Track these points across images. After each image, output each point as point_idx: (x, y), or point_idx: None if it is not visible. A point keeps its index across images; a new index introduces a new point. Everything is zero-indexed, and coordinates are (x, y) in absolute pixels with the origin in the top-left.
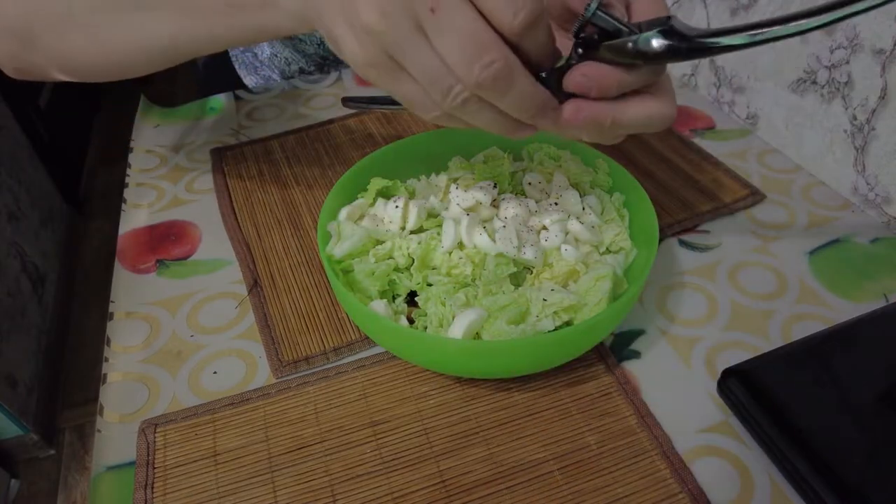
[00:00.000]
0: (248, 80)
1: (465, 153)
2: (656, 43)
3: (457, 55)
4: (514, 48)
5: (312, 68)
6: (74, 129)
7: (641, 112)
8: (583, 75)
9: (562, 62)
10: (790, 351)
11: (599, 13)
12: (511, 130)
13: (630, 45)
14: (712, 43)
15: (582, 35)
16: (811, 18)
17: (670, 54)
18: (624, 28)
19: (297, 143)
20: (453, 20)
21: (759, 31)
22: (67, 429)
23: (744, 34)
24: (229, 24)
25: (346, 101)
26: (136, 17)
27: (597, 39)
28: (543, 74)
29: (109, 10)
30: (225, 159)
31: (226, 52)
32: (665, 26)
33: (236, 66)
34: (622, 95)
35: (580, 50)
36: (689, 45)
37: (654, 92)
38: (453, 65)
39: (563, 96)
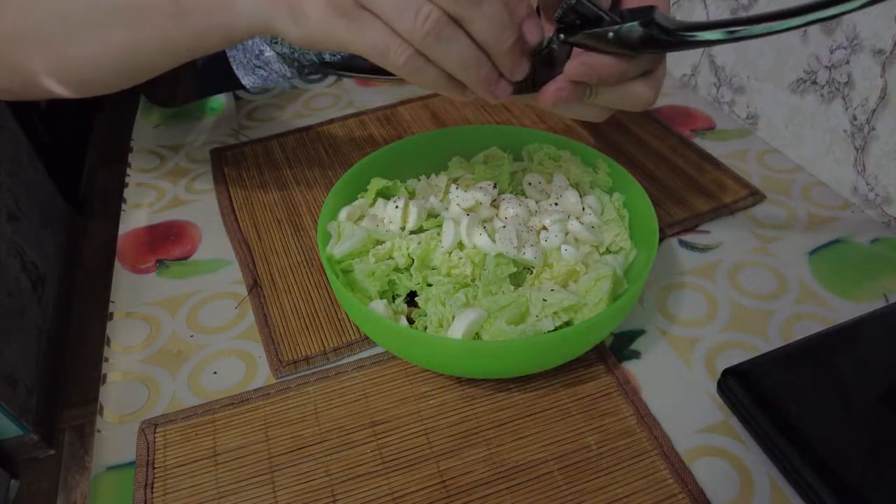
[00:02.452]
0: (247, 81)
1: (465, 153)
2: (636, 34)
3: (394, 16)
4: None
5: (311, 70)
6: (74, 129)
7: (620, 92)
8: (583, 64)
9: (543, 46)
10: (790, 351)
11: (582, 1)
12: (487, 77)
13: (611, 34)
14: (690, 36)
15: (564, 21)
16: (789, 19)
17: (650, 45)
18: (606, 16)
19: (297, 143)
20: None
21: (738, 28)
22: (67, 429)
23: (722, 30)
24: (181, 29)
25: (324, 65)
26: (89, 33)
27: (578, 25)
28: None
29: (83, 26)
30: (225, 159)
31: (223, 53)
32: (646, 17)
33: (234, 67)
34: None
35: (561, 35)
36: (668, 37)
37: (643, 74)
38: (398, 29)
39: (543, 77)
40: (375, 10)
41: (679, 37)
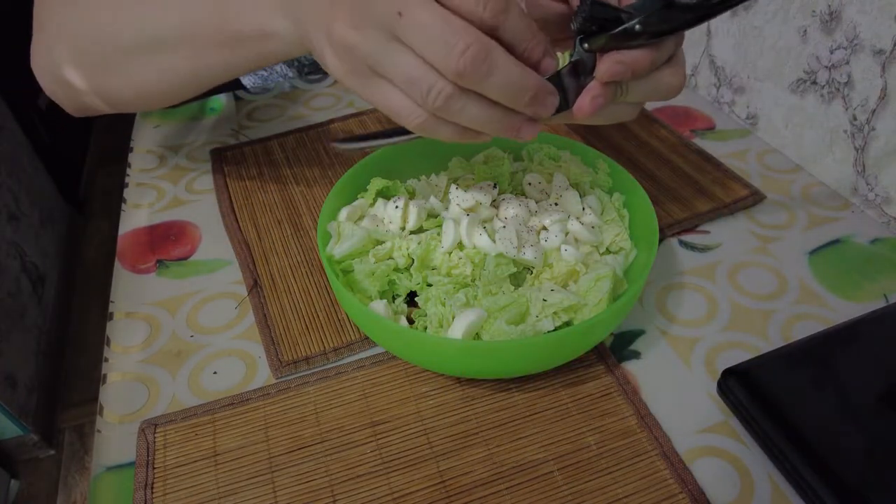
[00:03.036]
0: (247, 81)
1: (465, 153)
2: (664, 18)
3: (431, 50)
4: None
5: (311, 69)
6: (74, 129)
7: (651, 83)
8: (618, 63)
9: (564, 63)
10: (790, 351)
11: (596, 5)
12: (509, 126)
13: (637, 26)
14: (715, 2)
15: (583, 30)
16: None
17: (680, 26)
18: (622, 13)
19: (297, 143)
20: (421, 16)
21: None
22: (67, 429)
23: None
24: (237, 56)
25: (339, 142)
26: (158, 58)
27: (596, 31)
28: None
29: (136, 54)
30: (225, 159)
31: None
32: (663, 0)
33: None
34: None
35: (585, 45)
36: (693, 12)
37: (668, 60)
38: (430, 60)
39: (573, 92)
40: (389, 79)
41: (704, 4)
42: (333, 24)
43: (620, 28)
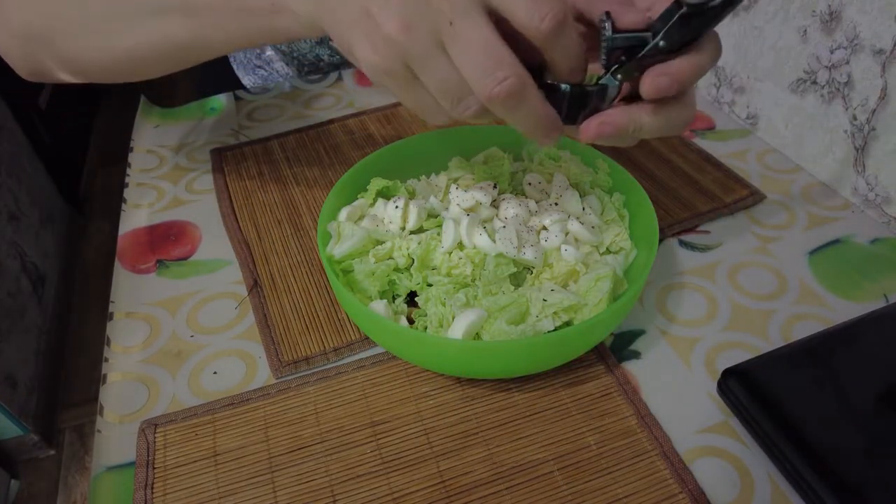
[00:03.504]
0: (247, 81)
1: (465, 153)
2: (684, 26)
3: (471, 68)
4: (542, 56)
5: (310, 69)
6: (74, 130)
7: (663, 118)
8: (663, 75)
9: (591, 79)
10: (790, 351)
11: (618, 37)
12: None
13: (662, 43)
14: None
15: (610, 62)
16: None
17: (699, 30)
18: (645, 33)
19: (297, 143)
20: (471, 33)
21: None
22: (67, 429)
23: None
24: (241, 28)
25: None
26: (150, 23)
27: (625, 60)
28: (564, 86)
29: (124, 17)
30: (225, 159)
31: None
32: (681, 9)
33: (234, 67)
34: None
35: (618, 76)
36: (711, 13)
37: (677, 96)
38: (468, 77)
39: (583, 113)
40: (426, 83)
41: (717, 4)
42: (382, 17)
43: (647, 48)
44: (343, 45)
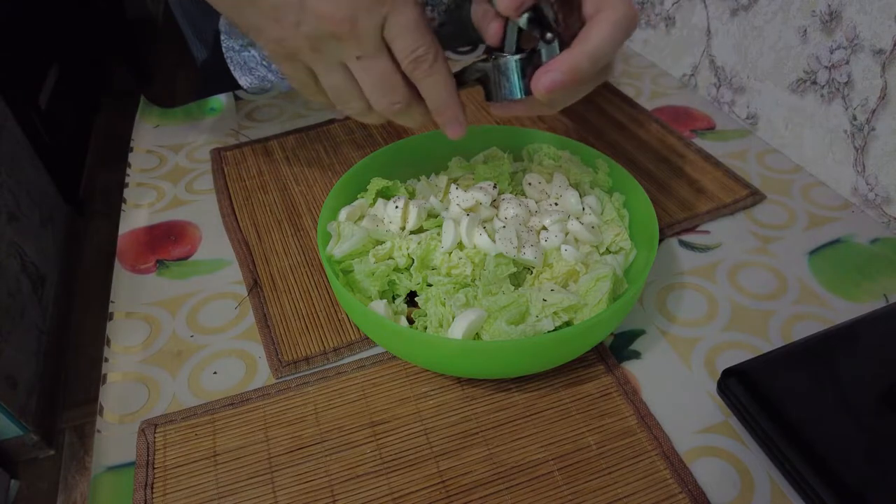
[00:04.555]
0: (243, 81)
1: (465, 153)
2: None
3: (370, 90)
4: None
5: None
6: (74, 130)
7: (607, 34)
8: (556, 72)
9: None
10: (790, 351)
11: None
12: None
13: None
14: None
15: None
16: None
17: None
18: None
19: (297, 143)
20: (373, 66)
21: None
22: (67, 429)
23: None
24: None
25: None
26: None
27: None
28: (517, 57)
29: None
30: (225, 159)
31: (223, 53)
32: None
33: (231, 67)
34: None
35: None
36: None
37: (603, 8)
38: (367, 94)
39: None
40: (324, 88)
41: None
42: (295, 33)
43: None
44: (248, 27)
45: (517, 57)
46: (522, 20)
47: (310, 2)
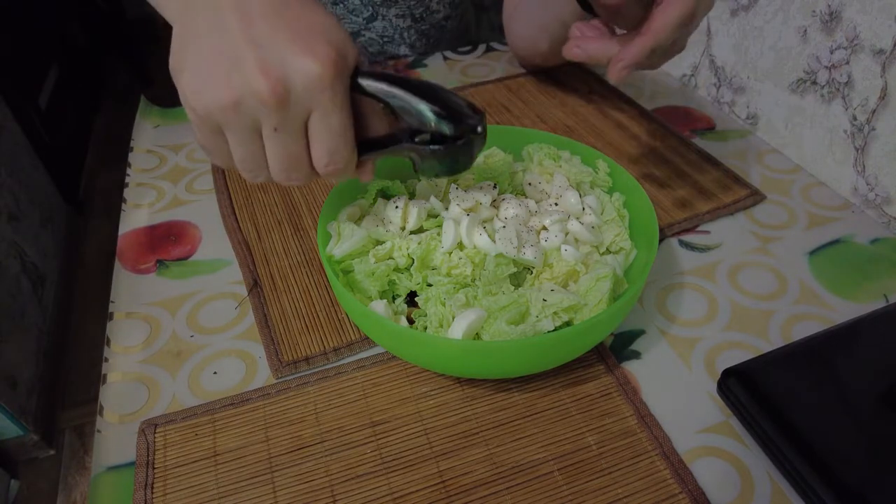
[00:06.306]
0: None
1: None
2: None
3: (275, 164)
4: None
5: None
6: (74, 130)
7: (669, 22)
8: (626, 62)
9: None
10: (790, 351)
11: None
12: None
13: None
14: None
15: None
16: None
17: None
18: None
19: None
20: (284, 144)
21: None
22: (67, 429)
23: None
24: None
25: None
26: None
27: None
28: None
29: None
30: None
31: None
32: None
33: None
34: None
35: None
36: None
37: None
38: (270, 166)
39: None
40: (231, 150)
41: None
42: (215, 92)
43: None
44: (175, 63)
45: (436, 147)
46: None
47: (251, 60)
